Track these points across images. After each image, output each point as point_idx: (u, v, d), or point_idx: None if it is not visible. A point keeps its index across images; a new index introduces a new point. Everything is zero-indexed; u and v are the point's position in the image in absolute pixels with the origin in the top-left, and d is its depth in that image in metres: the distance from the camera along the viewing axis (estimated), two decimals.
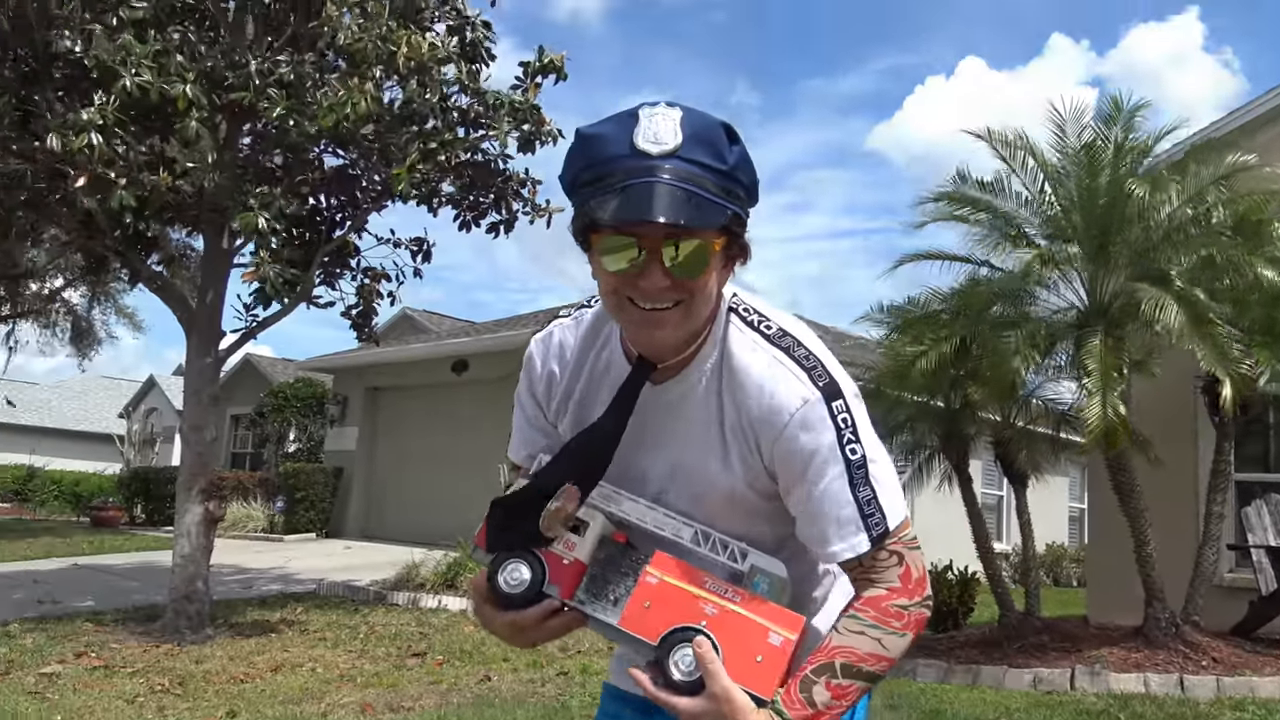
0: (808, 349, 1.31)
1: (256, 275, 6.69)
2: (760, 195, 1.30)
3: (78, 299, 20.92)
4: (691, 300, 1.23)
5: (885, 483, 1.28)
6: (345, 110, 6.38)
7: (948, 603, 7.92)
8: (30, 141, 6.97)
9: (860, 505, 1.26)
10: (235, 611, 8.27)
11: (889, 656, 1.24)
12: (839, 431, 1.26)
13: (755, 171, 1.29)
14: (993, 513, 15.59)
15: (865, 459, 1.27)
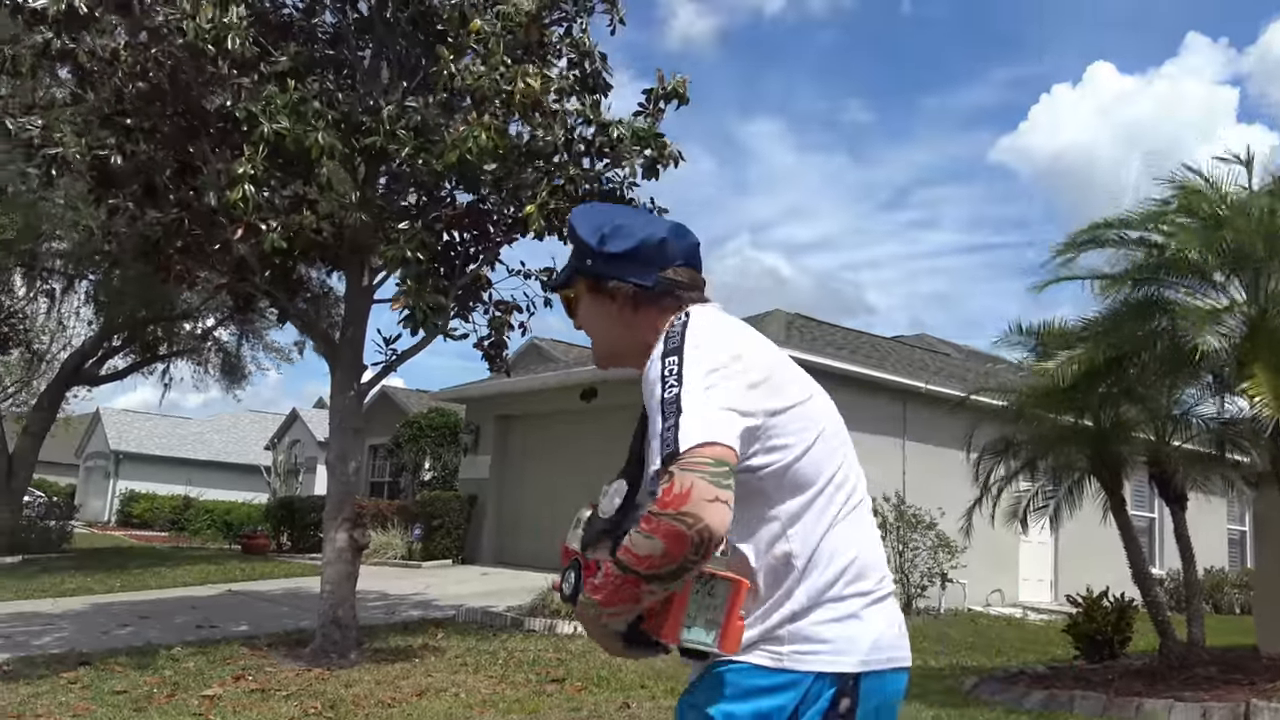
0: (679, 329, 1.61)
1: (405, 304, 6.91)
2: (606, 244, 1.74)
3: (227, 337, 22.03)
4: (587, 331, 1.85)
5: (689, 414, 1.48)
6: (467, 145, 6.55)
7: (1103, 631, 7.55)
8: (187, 192, 7.40)
9: (662, 434, 1.48)
10: (379, 636, 8.50)
11: (635, 553, 1.44)
12: (663, 379, 1.54)
13: (582, 236, 1.76)
14: (1144, 535, 14.79)
15: (677, 397, 1.50)
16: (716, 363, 1.55)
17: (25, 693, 6.15)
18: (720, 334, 1.64)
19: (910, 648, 1.74)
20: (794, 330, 13.46)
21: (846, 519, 1.66)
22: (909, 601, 11.50)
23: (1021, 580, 14.22)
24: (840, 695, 1.58)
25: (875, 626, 1.63)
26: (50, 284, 19.74)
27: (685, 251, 1.80)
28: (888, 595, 1.68)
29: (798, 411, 1.65)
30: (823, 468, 1.66)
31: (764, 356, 1.66)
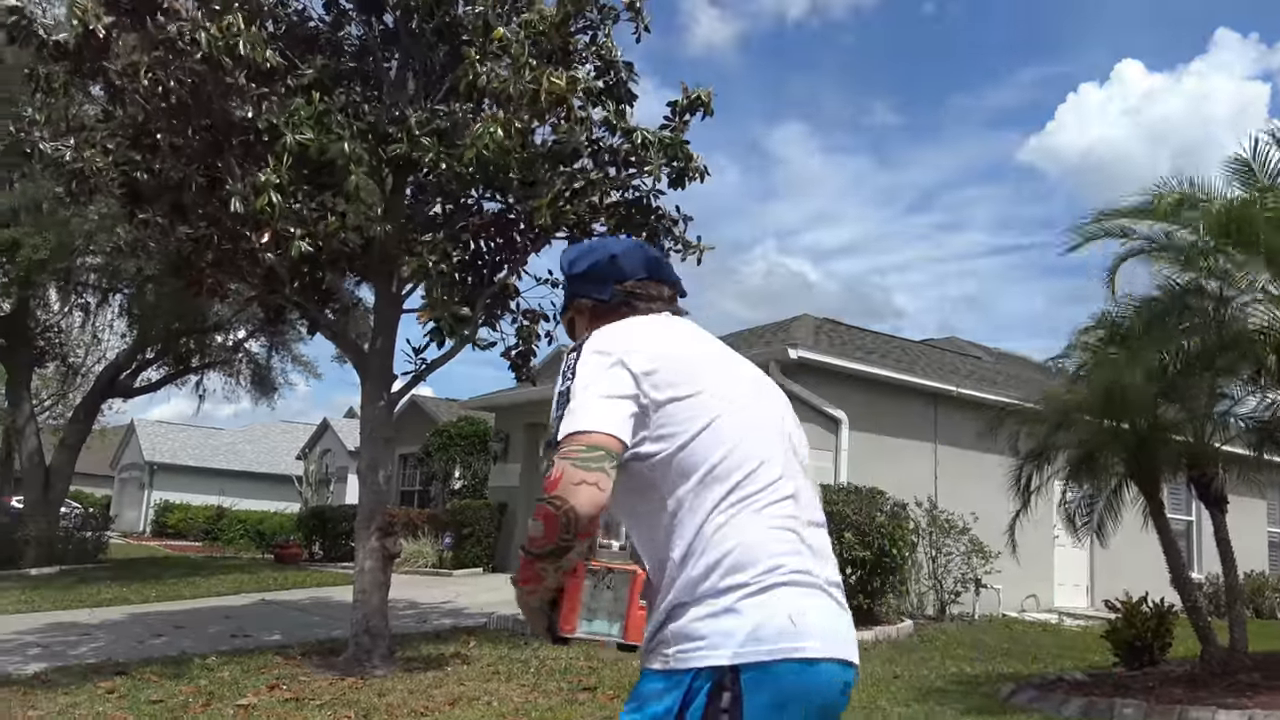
0: (590, 335, 1.80)
1: (431, 315, 6.93)
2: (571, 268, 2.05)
3: (258, 349, 22.23)
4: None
5: (575, 408, 1.65)
6: (483, 141, 6.55)
7: (1142, 637, 7.42)
8: (216, 205, 7.47)
9: (554, 425, 1.67)
10: (411, 645, 8.52)
11: (529, 535, 1.62)
12: (562, 374, 1.74)
13: (561, 266, 2.07)
14: (1182, 539, 14.57)
15: (567, 390, 1.70)
16: (606, 360, 1.72)
17: (63, 702, 6.21)
18: (618, 335, 1.80)
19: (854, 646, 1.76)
20: (822, 334, 13.39)
21: (733, 509, 1.69)
22: (943, 608, 11.38)
23: (1057, 585, 14.04)
24: (719, 689, 1.59)
25: (753, 618, 1.62)
26: (85, 298, 20.02)
27: (645, 264, 2.01)
28: (778, 585, 1.66)
29: (687, 403, 1.73)
30: (708, 457, 1.70)
31: (658, 352, 1.77)
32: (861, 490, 10.23)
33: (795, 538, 1.72)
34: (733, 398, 1.80)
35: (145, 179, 7.31)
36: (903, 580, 10.63)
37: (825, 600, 1.73)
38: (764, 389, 1.92)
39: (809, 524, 1.78)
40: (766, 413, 1.86)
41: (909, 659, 8.44)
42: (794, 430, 1.91)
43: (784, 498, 1.74)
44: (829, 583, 1.76)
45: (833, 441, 11.64)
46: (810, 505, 1.82)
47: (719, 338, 2.02)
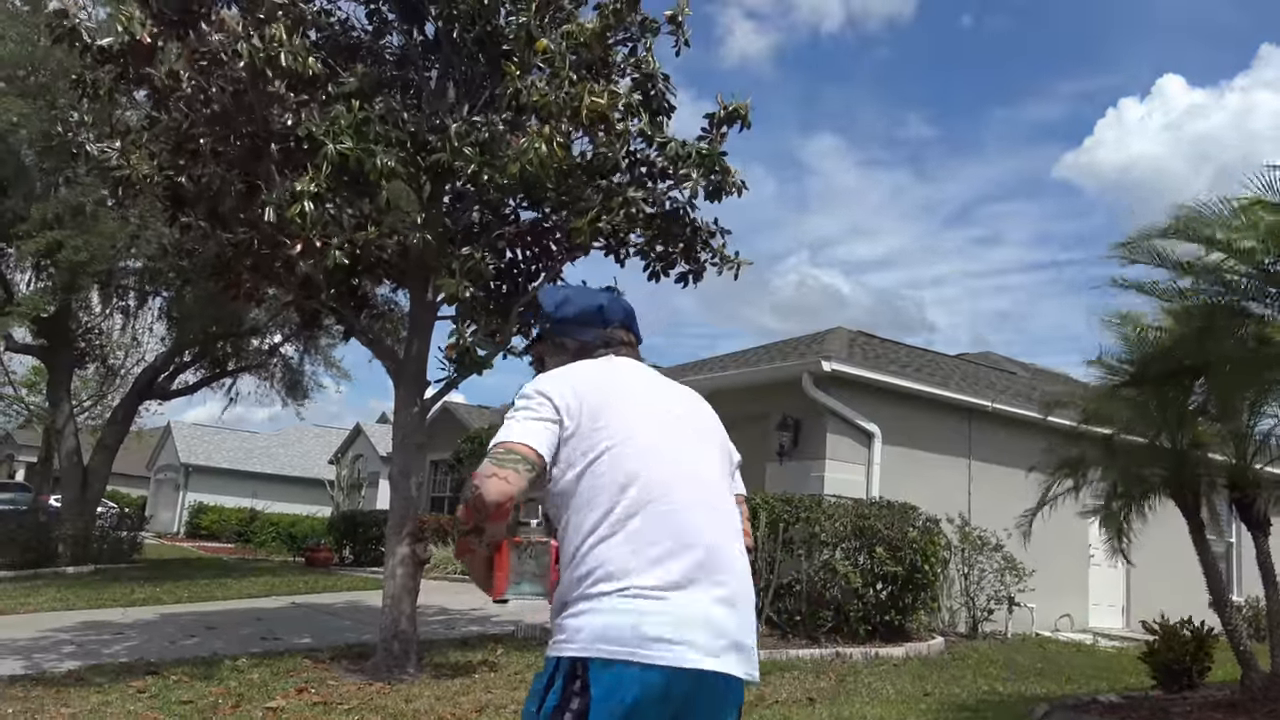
0: (535, 380, 2.21)
1: (456, 348, 7.00)
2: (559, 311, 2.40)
3: (293, 353, 22.44)
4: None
5: (505, 427, 2.08)
6: (528, 156, 6.58)
7: (1181, 660, 7.28)
8: (255, 211, 7.55)
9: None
10: (439, 651, 8.53)
11: (458, 515, 2.05)
12: (513, 403, 2.15)
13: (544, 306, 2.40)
14: (1221, 561, 14.30)
15: (506, 418, 2.12)
16: (538, 396, 2.12)
17: (95, 701, 6.27)
18: (554, 377, 2.19)
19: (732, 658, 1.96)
20: (856, 348, 13.30)
21: (609, 532, 1.99)
22: (975, 625, 11.24)
23: (1092, 605, 13.83)
24: (572, 677, 1.92)
25: (604, 620, 1.92)
26: (126, 301, 20.30)
27: (621, 315, 2.38)
28: (634, 598, 1.92)
29: (595, 437, 2.07)
30: (599, 485, 2.03)
31: (583, 390, 2.13)
32: (894, 505, 10.14)
33: (669, 561, 1.97)
34: (640, 434, 2.10)
35: (187, 184, 7.40)
36: (934, 597, 10.52)
37: (695, 616, 1.94)
38: (685, 424, 2.23)
39: (701, 546, 2.01)
40: (676, 447, 2.14)
41: (940, 676, 8.34)
42: (713, 459, 2.23)
43: (665, 525, 2.00)
44: (718, 599, 1.98)
45: (865, 455, 11.55)
46: (712, 528, 2.06)
47: (750, 350, 2.28)
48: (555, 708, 1.92)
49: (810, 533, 9.71)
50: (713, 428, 2.30)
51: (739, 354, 15.46)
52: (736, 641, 1.99)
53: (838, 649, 8.97)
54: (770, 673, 7.84)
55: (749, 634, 2.04)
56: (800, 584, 9.62)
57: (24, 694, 6.46)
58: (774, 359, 13.15)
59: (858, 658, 8.85)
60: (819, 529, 9.72)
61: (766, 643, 9.07)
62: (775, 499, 10.13)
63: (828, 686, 7.52)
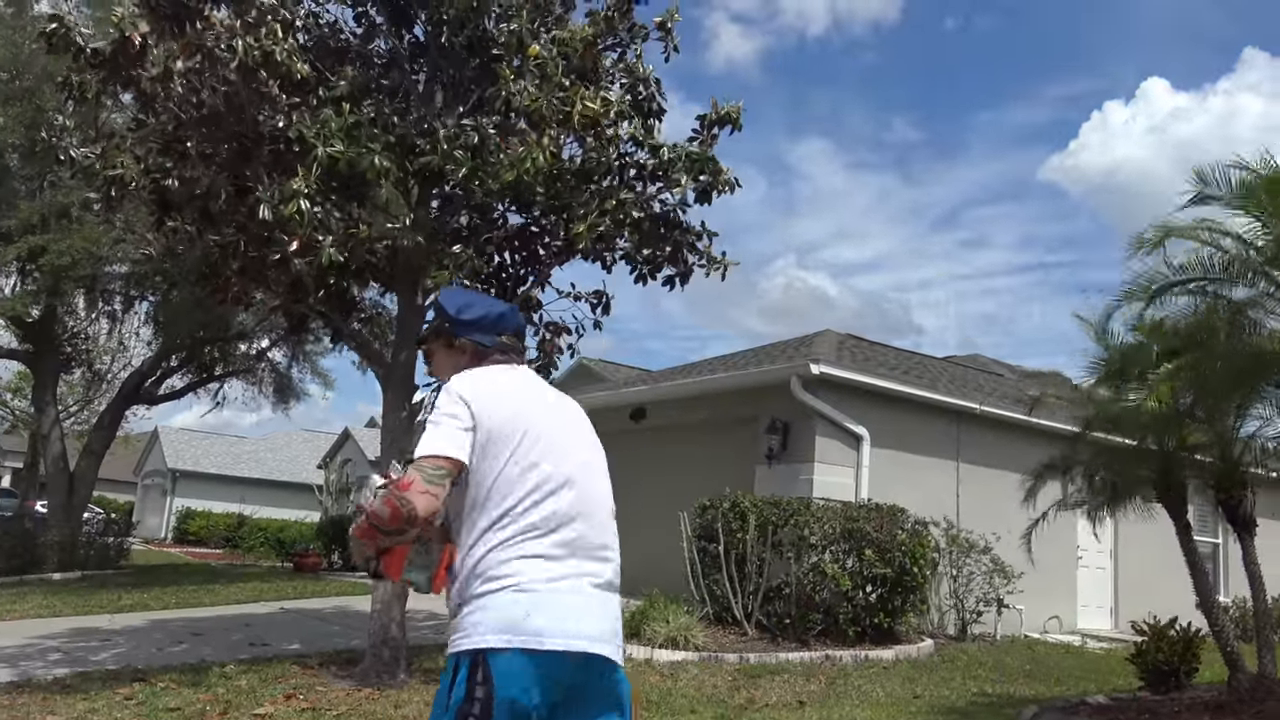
0: (450, 381, 2.38)
1: None
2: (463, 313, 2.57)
3: (280, 358, 22.38)
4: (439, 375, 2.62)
5: (430, 434, 2.25)
6: (525, 165, 6.58)
7: (1169, 661, 7.31)
8: (243, 213, 7.52)
9: (417, 445, 2.26)
10: (428, 656, 8.50)
11: (376, 512, 2.20)
12: (430, 407, 3.03)
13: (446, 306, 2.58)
14: (1208, 562, 14.38)
15: (426, 423, 2.28)
16: (459, 401, 2.30)
17: (82, 708, 6.23)
18: (469, 382, 2.36)
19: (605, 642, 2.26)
20: (845, 350, 13.33)
21: (501, 532, 2.24)
22: (964, 627, 11.27)
23: (1080, 607, 13.88)
24: (474, 669, 2.16)
25: (500, 613, 2.17)
26: (112, 305, 20.21)
27: (514, 325, 2.59)
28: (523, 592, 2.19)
29: (504, 441, 2.29)
30: (493, 491, 2.27)
31: (496, 396, 2.35)
32: (883, 507, 10.15)
33: (554, 557, 2.25)
34: (541, 438, 2.34)
35: (175, 186, 7.37)
36: (923, 599, 10.54)
37: (573, 604, 2.23)
38: (574, 429, 2.48)
39: (586, 545, 2.31)
40: (571, 457, 2.39)
41: (929, 679, 8.35)
42: (602, 468, 2.49)
43: (557, 525, 2.28)
44: (596, 584, 2.29)
45: (854, 458, 11.57)
46: (596, 529, 2.35)
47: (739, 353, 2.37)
48: (462, 700, 2.15)
49: (799, 535, 9.72)
50: (595, 440, 2.56)
51: (728, 357, 15.47)
52: (614, 629, 2.30)
53: (827, 651, 8.97)
54: (760, 676, 7.85)
55: (619, 621, 2.35)
56: (789, 587, 9.63)
57: (10, 702, 6.41)
58: (762, 362, 13.16)
59: (847, 660, 8.86)
60: (808, 531, 9.72)
61: (756, 646, 9.08)
62: (764, 501, 10.14)
63: (818, 689, 7.52)
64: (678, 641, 8.72)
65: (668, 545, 10.89)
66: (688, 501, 10.71)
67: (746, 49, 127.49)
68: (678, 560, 10.37)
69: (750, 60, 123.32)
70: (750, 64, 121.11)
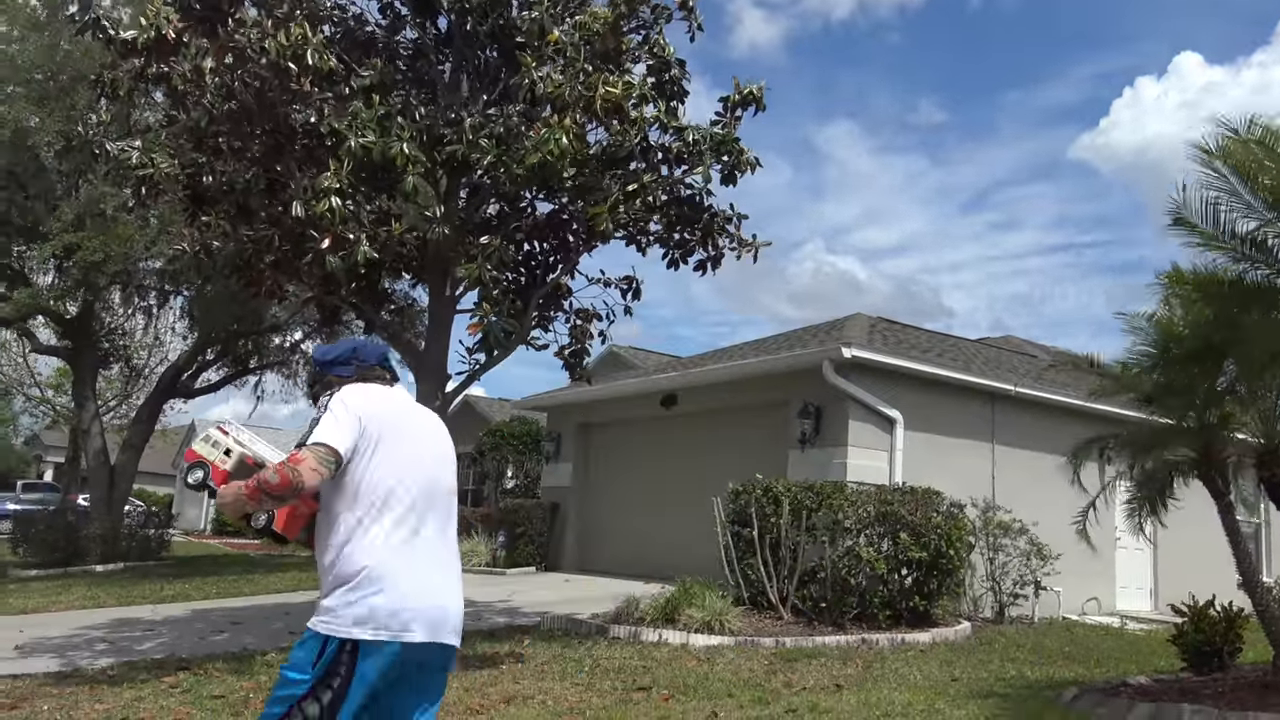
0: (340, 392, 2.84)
1: (480, 327, 6.99)
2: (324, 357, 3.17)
3: (313, 350, 22.58)
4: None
5: (325, 426, 2.68)
6: (549, 147, 6.58)
7: (1211, 641, 7.21)
8: (276, 208, 7.59)
9: (309, 432, 2.73)
10: (466, 643, 8.52)
11: (267, 479, 2.61)
12: (322, 408, 2.80)
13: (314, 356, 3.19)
14: (1250, 541, 14.16)
15: (320, 420, 2.72)
16: (347, 406, 2.76)
17: (128, 697, 6.35)
18: (356, 392, 2.85)
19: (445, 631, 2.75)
20: (876, 333, 13.25)
21: (366, 527, 2.69)
22: (1001, 610, 11.19)
23: (1119, 588, 13.75)
24: (339, 652, 2.60)
25: (365, 607, 2.61)
26: (147, 301, 20.48)
27: (374, 355, 3.09)
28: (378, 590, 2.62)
29: (372, 446, 2.74)
30: (363, 488, 2.71)
31: (372, 407, 2.81)
32: (917, 490, 10.09)
33: (408, 554, 2.71)
34: (401, 446, 2.81)
35: (208, 182, 7.45)
36: (959, 582, 10.48)
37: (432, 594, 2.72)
38: (430, 439, 2.98)
39: (434, 544, 2.79)
40: (423, 459, 2.88)
41: (967, 662, 8.31)
42: (446, 467, 2.99)
43: (410, 524, 2.74)
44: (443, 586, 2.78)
45: (887, 441, 11.51)
46: (443, 530, 2.85)
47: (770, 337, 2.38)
48: (323, 676, 2.60)
49: (833, 519, 9.68)
50: (449, 450, 3.06)
51: (758, 342, 15.43)
52: (455, 626, 2.77)
53: (863, 635, 8.95)
54: (796, 660, 7.84)
55: (457, 605, 2.81)
56: (824, 571, 9.60)
57: (59, 691, 6.54)
58: (794, 346, 13.11)
59: (884, 644, 8.84)
60: (842, 515, 9.69)
61: (791, 630, 9.07)
62: (797, 486, 10.11)
63: (854, 673, 7.51)
64: (713, 626, 8.73)
65: (700, 530, 10.90)
66: (720, 487, 10.71)
67: (770, 33, 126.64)
68: (711, 545, 10.37)
69: (774, 44, 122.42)
70: (774, 48, 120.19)
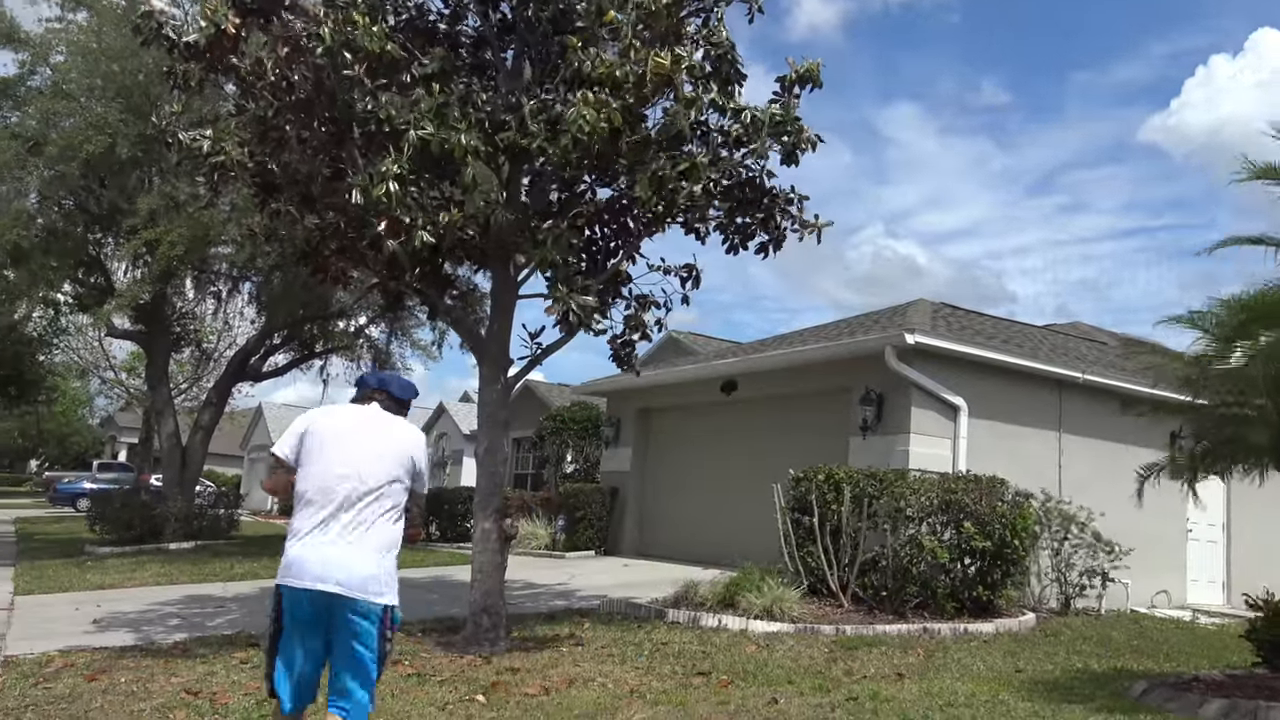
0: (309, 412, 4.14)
1: (557, 309, 7.02)
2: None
3: (378, 334, 22.92)
4: None
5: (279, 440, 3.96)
6: (576, 125, 6.55)
7: None
8: (340, 195, 7.69)
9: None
10: (526, 625, 8.67)
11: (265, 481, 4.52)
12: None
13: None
14: None
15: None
16: (298, 424, 3.97)
17: (201, 671, 6.53)
18: (311, 414, 4.05)
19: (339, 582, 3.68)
20: (940, 319, 13.05)
21: (299, 509, 3.80)
22: (1067, 601, 10.99)
23: (1190, 581, 13.42)
24: (276, 595, 3.77)
25: (283, 561, 3.76)
26: (217, 286, 20.95)
27: (375, 382, 4.23)
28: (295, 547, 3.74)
29: (309, 454, 3.86)
30: (303, 485, 3.82)
31: (315, 423, 3.95)
32: (981, 479, 9.94)
33: (320, 528, 3.72)
34: (330, 451, 3.83)
35: (276, 170, 7.58)
36: (1024, 572, 10.31)
37: (323, 556, 3.67)
38: (366, 445, 3.88)
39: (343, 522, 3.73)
40: (345, 460, 3.81)
41: (1031, 653, 8.19)
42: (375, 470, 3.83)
43: (324, 507, 3.74)
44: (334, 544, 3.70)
45: (950, 429, 11.36)
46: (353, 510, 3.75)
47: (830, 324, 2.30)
48: (272, 610, 3.80)
49: (895, 507, 9.58)
50: (387, 449, 3.90)
51: (819, 328, 15.30)
52: (341, 581, 3.63)
53: (925, 624, 8.86)
54: (857, 648, 7.79)
55: (355, 568, 3.67)
56: (885, 559, 9.52)
57: (135, 664, 6.76)
58: (855, 332, 12.98)
59: (946, 634, 8.74)
60: (904, 503, 9.58)
61: (852, 618, 9.01)
62: (859, 473, 10.02)
63: (916, 662, 7.44)
64: (773, 612, 8.71)
65: (760, 517, 10.87)
66: (780, 473, 10.66)
67: (828, 14, 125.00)
68: (770, 532, 10.34)
69: (832, 26, 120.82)
70: (832, 29, 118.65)
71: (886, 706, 5.90)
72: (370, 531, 3.73)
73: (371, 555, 3.71)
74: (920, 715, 5.67)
